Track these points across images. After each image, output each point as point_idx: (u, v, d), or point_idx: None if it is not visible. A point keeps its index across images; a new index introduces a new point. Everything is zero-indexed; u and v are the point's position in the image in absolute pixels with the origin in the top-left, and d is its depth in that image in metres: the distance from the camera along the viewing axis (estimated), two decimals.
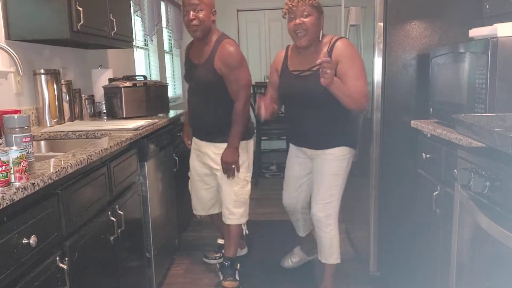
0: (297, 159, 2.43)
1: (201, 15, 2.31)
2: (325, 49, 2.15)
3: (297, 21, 2.10)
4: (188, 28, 2.37)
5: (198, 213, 2.82)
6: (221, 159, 2.45)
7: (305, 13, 2.09)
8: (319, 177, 2.28)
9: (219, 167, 2.48)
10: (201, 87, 2.46)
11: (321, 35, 2.19)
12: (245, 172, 2.52)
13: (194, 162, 2.67)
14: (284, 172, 2.57)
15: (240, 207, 2.53)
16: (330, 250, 2.34)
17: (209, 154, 2.53)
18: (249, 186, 2.56)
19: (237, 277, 2.56)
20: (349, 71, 2.09)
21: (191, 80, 2.52)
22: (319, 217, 2.28)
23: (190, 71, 2.53)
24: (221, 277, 2.56)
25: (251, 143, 2.59)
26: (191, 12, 2.30)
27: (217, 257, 2.90)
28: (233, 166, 2.44)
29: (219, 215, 2.70)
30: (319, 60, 1.97)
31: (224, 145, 2.45)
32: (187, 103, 2.65)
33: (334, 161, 2.24)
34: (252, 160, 2.62)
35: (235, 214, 2.53)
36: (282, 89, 2.29)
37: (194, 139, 2.65)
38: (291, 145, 2.48)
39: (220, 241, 2.96)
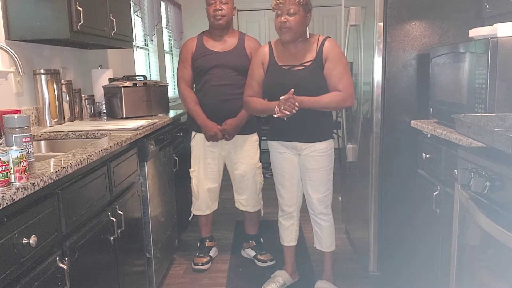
0: (284, 156, 2.41)
1: (225, 6, 2.60)
2: (314, 46, 2.25)
3: (283, 18, 2.18)
4: (212, 18, 2.61)
5: (203, 214, 2.88)
6: (225, 123, 2.65)
7: (291, 11, 2.16)
8: (315, 174, 2.35)
9: (246, 159, 2.76)
10: (230, 72, 2.64)
11: (307, 32, 2.26)
12: (259, 162, 2.83)
13: (211, 159, 2.78)
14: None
15: (260, 193, 2.90)
16: (331, 238, 2.47)
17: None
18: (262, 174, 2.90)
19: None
20: (336, 69, 2.21)
21: (216, 67, 2.63)
22: (320, 210, 2.40)
23: (210, 57, 2.66)
24: (253, 254, 2.91)
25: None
26: (218, 2, 2.58)
27: (206, 262, 2.85)
28: (226, 135, 2.70)
29: (213, 212, 2.93)
30: (283, 97, 2.12)
31: (250, 136, 2.78)
32: (206, 97, 2.69)
33: (325, 156, 2.34)
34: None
35: (260, 200, 2.91)
36: (272, 83, 2.30)
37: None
38: (273, 143, 2.44)
39: (209, 244, 2.95)
